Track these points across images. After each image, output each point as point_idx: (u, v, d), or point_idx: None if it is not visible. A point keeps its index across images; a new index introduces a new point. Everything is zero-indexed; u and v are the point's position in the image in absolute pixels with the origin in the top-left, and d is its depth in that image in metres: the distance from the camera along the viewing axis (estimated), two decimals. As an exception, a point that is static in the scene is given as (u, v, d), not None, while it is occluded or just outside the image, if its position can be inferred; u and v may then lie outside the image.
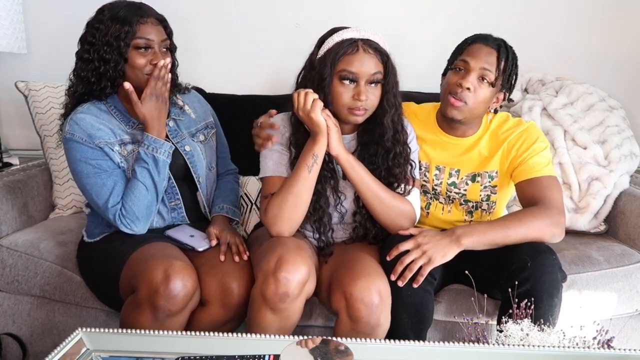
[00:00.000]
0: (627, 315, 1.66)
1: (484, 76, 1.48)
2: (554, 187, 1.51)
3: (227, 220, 1.64)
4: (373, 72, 1.40)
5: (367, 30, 1.42)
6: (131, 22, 1.46)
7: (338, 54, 1.39)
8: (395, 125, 1.47)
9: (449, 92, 1.52)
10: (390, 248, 1.43)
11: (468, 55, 1.50)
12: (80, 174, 1.48)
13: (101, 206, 1.48)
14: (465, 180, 1.62)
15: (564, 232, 1.47)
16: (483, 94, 1.49)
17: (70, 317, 1.66)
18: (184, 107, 1.66)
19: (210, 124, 1.71)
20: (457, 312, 1.54)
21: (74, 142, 1.47)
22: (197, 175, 1.60)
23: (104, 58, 1.46)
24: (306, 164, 1.41)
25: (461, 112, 1.51)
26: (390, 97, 1.44)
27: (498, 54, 1.49)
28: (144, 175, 1.47)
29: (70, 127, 1.48)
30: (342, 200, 1.50)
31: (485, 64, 1.48)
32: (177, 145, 1.58)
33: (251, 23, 2.27)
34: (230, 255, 1.49)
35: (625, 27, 2.24)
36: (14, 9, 2.15)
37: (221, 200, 1.67)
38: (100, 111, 1.52)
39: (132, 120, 1.54)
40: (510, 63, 1.51)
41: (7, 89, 2.24)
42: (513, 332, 1.20)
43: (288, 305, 1.32)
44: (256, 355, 1.14)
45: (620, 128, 1.98)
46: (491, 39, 1.51)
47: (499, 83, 1.51)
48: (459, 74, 1.51)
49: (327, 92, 1.41)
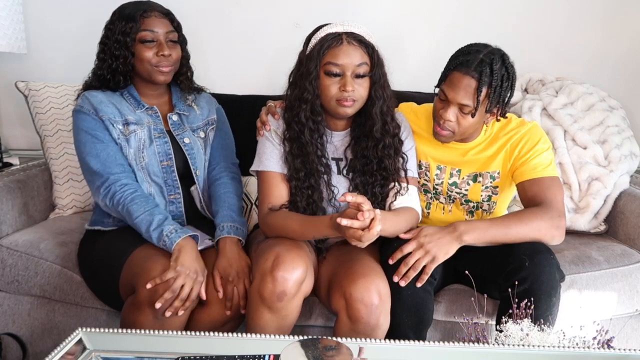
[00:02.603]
0: (627, 315, 1.66)
1: (462, 109, 1.45)
2: (556, 189, 1.51)
3: (235, 245, 1.51)
4: (358, 63, 1.40)
5: (351, 24, 1.43)
6: (135, 17, 1.52)
7: (322, 47, 1.41)
8: (384, 117, 1.48)
9: (434, 118, 1.54)
10: (391, 250, 1.43)
11: (448, 86, 1.46)
12: (79, 143, 1.54)
13: (90, 174, 1.52)
14: (467, 180, 1.62)
15: (564, 236, 1.47)
16: (467, 123, 1.48)
17: (70, 317, 1.66)
18: (192, 104, 1.68)
19: (211, 121, 1.71)
20: (457, 312, 1.54)
21: (80, 113, 1.54)
22: (195, 167, 1.61)
23: (114, 55, 1.54)
24: (318, 235, 1.42)
25: (449, 139, 1.53)
26: (378, 88, 1.45)
27: (478, 85, 1.41)
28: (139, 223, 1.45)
29: (81, 100, 1.57)
30: (336, 194, 1.50)
31: (463, 99, 1.43)
32: (177, 137, 1.60)
33: (251, 23, 2.28)
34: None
35: (625, 27, 2.24)
36: (14, 9, 2.15)
37: (220, 216, 1.57)
38: (113, 93, 1.59)
39: (142, 103, 1.59)
40: (495, 87, 1.42)
41: (7, 89, 2.24)
42: (513, 332, 1.20)
43: (285, 304, 1.33)
44: (256, 355, 1.14)
45: (620, 128, 1.98)
46: (474, 64, 1.41)
47: (482, 110, 1.46)
48: (441, 103, 1.50)
49: (314, 85, 1.42)
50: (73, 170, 1.96)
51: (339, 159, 1.53)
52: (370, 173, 1.50)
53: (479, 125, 1.54)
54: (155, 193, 1.57)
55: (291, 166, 1.47)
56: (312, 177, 1.47)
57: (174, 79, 1.63)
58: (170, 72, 1.57)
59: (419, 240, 1.42)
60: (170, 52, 1.54)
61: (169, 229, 1.43)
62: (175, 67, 1.59)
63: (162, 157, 1.57)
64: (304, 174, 1.46)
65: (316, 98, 1.43)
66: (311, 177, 1.46)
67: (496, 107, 1.49)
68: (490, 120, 1.54)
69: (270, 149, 1.50)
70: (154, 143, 1.57)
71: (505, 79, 1.45)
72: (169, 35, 1.55)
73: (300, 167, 1.46)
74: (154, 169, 1.56)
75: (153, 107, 1.61)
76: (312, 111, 1.44)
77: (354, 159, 1.51)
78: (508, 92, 1.49)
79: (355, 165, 1.51)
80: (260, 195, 1.52)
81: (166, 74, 1.56)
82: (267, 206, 1.49)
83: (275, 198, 1.48)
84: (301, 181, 1.46)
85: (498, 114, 1.52)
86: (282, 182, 1.49)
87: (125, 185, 1.49)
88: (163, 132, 1.59)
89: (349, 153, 1.52)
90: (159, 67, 1.54)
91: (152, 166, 1.56)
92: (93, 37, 1.61)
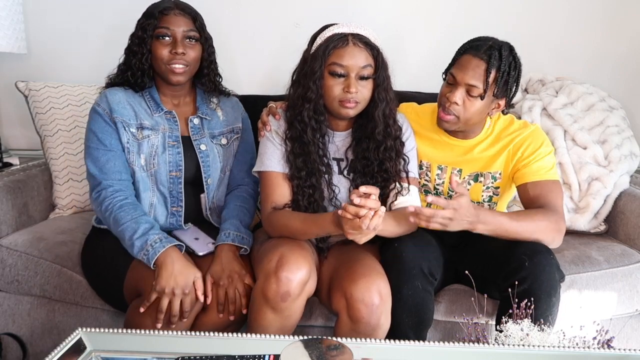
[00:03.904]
0: (627, 315, 1.66)
1: (470, 91, 1.46)
2: (557, 193, 1.51)
3: (231, 252, 1.50)
4: (363, 65, 1.40)
5: (357, 25, 1.43)
6: (154, 14, 1.51)
7: (328, 47, 1.40)
8: (386, 119, 1.48)
9: (440, 103, 1.53)
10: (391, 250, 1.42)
11: (457, 67, 1.48)
12: (85, 142, 1.55)
13: (88, 176, 1.53)
14: (468, 180, 1.62)
15: (562, 240, 1.48)
16: (474, 107, 1.48)
17: (70, 317, 1.66)
18: (216, 109, 1.65)
19: (236, 129, 1.68)
20: (457, 312, 1.54)
21: (95, 113, 1.53)
22: (206, 175, 1.59)
23: (134, 51, 1.53)
24: (320, 232, 1.42)
25: (452, 125, 1.52)
26: (381, 90, 1.44)
27: (487, 66, 1.44)
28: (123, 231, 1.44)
29: (100, 98, 1.55)
30: (337, 193, 1.50)
31: (472, 79, 1.45)
32: (194, 143, 1.58)
33: (251, 23, 2.28)
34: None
35: (625, 27, 2.24)
36: (14, 9, 2.15)
37: (228, 223, 1.55)
38: (135, 94, 1.57)
39: (161, 106, 1.57)
40: (503, 72, 1.45)
41: (7, 89, 2.24)
42: (513, 332, 1.20)
43: (289, 304, 1.32)
44: (256, 355, 1.14)
45: (620, 128, 1.98)
46: (483, 48, 1.45)
47: (490, 94, 1.47)
48: (449, 87, 1.50)
49: (318, 85, 1.42)
50: (73, 170, 1.96)
51: (340, 159, 1.53)
52: (371, 174, 1.50)
53: (484, 115, 1.53)
54: (157, 203, 1.55)
55: (292, 165, 1.47)
56: (313, 177, 1.47)
57: (197, 80, 1.61)
58: (185, 73, 1.52)
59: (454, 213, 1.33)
60: (184, 51, 1.49)
61: (154, 238, 1.41)
62: (193, 68, 1.54)
63: (172, 167, 1.54)
64: (305, 173, 1.46)
65: (320, 98, 1.43)
66: (312, 176, 1.46)
67: (503, 96, 1.50)
68: (495, 112, 1.54)
69: (272, 150, 1.50)
70: (167, 152, 1.54)
71: (512, 67, 1.47)
72: (188, 33, 1.51)
73: (301, 166, 1.46)
74: (162, 178, 1.54)
75: (172, 112, 1.57)
76: (314, 110, 1.44)
77: (355, 159, 1.51)
78: (514, 84, 1.50)
79: (356, 165, 1.51)
80: (262, 195, 1.52)
81: (179, 75, 1.51)
82: (271, 205, 1.48)
83: (278, 197, 1.48)
84: (302, 180, 1.46)
85: (504, 105, 1.52)
86: (284, 182, 1.49)
87: (116, 192, 1.48)
88: (178, 140, 1.56)
89: (350, 154, 1.53)
90: (171, 65, 1.50)
91: (160, 174, 1.54)
92: (93, 37, 1.62)
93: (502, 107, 1.54)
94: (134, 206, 1.47)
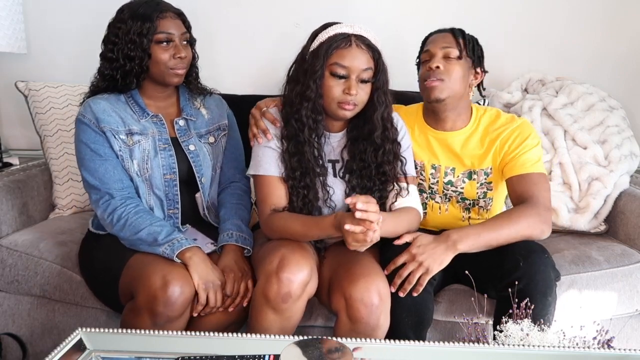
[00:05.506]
0: (627, 315, 1.66)
1: (448, 54, 1.53)
2: (542, 185, 1.53)
3: (239, 251, 1.52)
4: (364, 68, 1.40)
5: (360, 26, 1.43)
6: (151, 17, 1.48)
7: (331, 47, 1.39)
8: (384, 122, 1.47)
9: (423, 80, 1.57)
10: (387, 259, 1.43)
11: (428, 45, 1.59)
12: (78, 154, 1.53)
13: (88, 187, 1.51)
14: (462, 178, 1.62)
15: (552, 227, 1.49)
16: (455, 70, 1.53)
17: (70, 317, 1.66)
18: (200, 108, 1.65)
19: (223, 126, 1.68)
20: (457, 312, 1.54)
21: (82, 124, 1.51)
22: (199, 175, 1.59)
23: (128, 56, 1.48)
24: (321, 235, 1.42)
25: (442, 91, 1.53)
26: (380, 94, 1.44)
27: (453, 34, 1.56)
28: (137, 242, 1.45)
29: (84, 109, 1.52)
30: (331, 194, 1.50)
31: (444, 43, 1.55)
32: (183, 144, 1.57)
33: (251, 23, 2.28)
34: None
35: (625, 27, 2.24)
36: (14, 9, 2.15)
37: (230, 224, 1.56)
38: (118, 100, 1.54)
39: (146, 111, 1.55)
40: (468, 38, 1.57)
41: (7, 89, 2.24)
42: (513, 332, 1.20)
43: (290, 305, 1.32)
44: (256, 355, 1.14)
45: (620, 128, 1.98)
46: (444, 29, 1.59)
47: (464, 56, 1.55)
48: (426, 63, 1.57)
49: (318, 84, 1.41)
50: (73, 170, 1.96)
51: (335, 161, 1.53)
52: (369, 177, 1.49)
53: (466, 84, 1.57)
54: (155, 206, 1.55)
55: (287, 165, 1.46)
56: (307, 177, 1.46)
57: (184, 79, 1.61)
58: (184, 73, 1.54)
59: (412, 252, 1.41)
60: (186, 54, 1.51)
61: (179, 236, 1.43)
62: (188, 69, 1.56)
63: (166, 170, 1.54)
64: (300, 173, 1.45)
65: (319, 97, 1.42)
66: (307, 176, 1.45)
67: (477, 65, 1.59)
68: (474, 82, 1.60)
69: (266, 152, 1.48)
70: (159, 155, 1.54)
71: (475, 41, 1.59)
72: (183, 36, 1.52)
73: (296, 166, 1.46)
74: (157, 182, 1.53)
75: (158, 115, 1.57)
76: (313, 110, 1.43)
77: (350, 160, 1.51)
78: (479, 50, 1.60)
79: (351, 166, 1.50)
80: (260, 198, 1.50)
81: (180, 76, 1.53)
82: (269, 208, 1.47)
83: (276, 199, 1.48)
84: (297, 180, 1.46)
85: (481, 76, 1.61)
86: (281, 184, 1.48)
87: (127, 200, 1.48)
88: (168, 142, 1.55)
89: (345, 154, 1.52)
90: (175, 69, 1.50)
91: (155, 178, 1.53)
92: (93, 37, 1.61)
93: (480, 78, 1.60)
94: (149, 212, 1.49)
